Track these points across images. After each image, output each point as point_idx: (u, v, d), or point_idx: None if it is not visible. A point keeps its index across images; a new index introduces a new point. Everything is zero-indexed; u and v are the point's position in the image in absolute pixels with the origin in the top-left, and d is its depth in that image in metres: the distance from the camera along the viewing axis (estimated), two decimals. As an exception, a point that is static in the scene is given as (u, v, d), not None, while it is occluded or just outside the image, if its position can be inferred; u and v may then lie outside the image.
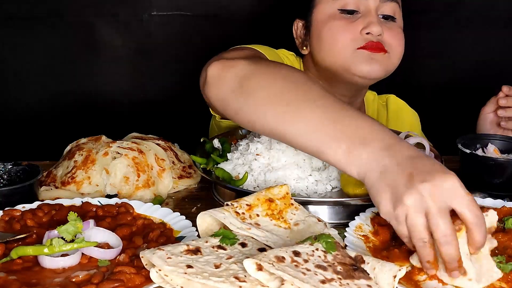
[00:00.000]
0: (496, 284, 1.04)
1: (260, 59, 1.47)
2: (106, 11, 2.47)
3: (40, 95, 2.52)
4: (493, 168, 1.50)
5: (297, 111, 1.21)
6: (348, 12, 1.75)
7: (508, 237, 1.18)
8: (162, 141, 1.68)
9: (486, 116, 1.83)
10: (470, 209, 1.00)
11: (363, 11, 1.74)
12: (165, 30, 2.50)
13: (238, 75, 1.34)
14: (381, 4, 1.75)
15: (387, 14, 1.76)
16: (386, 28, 1.74)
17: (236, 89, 1.33)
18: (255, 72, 1.33)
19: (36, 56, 2.50)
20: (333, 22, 1.75)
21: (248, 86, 1.31)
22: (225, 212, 1.18)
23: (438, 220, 0.99)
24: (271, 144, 1.49)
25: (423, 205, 1.00)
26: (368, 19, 1.71)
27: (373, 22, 1.70)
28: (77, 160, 1.55)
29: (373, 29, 1.69)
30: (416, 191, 1.00)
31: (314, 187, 1.44)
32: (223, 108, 1.39)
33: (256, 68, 1.35)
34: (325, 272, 0.98)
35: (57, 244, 1.10)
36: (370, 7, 1.74)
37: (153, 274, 1.01)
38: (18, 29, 2.46)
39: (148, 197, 1.50)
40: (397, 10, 1.79)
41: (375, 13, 1.73)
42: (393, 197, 1.04)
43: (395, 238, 1.21)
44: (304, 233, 1.17)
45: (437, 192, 1.00)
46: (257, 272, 0.96)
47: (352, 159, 1.12)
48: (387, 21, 1.76)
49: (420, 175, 1.02)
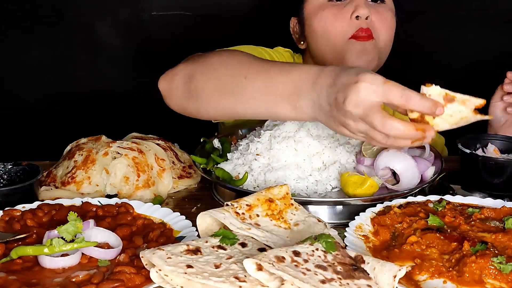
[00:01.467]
0: (496, 284, 1.05)
1: (198, 56, 1.53)
2: (106, 11, 2.47)
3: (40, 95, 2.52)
4: (493, 168, 1.50)
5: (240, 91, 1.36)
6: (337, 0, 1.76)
7: (508, 237, 1.18)
8: (162, 141, 1.68)
9: (495, 104, 1.80)
10: (391, 96, 1.11)
11: None
12: (165, 30, 2.50)
13: (181, 81, 1.48)
14: None
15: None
16: (374, 11, 1.75)
17: (186, 95, 1.47)
18: (194, 73, 1.46)
19: (36, 56, 2.51)
20: (323, 12, 1.77)
21: (195, 88, 1.44)
22: (225, 212, 1.18)
23: (372, 120, 1.12)
24: (271, 144, 1.49)
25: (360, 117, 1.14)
26: (355, 2, 1.73)
27: (360, 5, 1.71)
28: (77, 160, 1.55)
29: (361, 12, 1.70)
30: (347, 113, 1.14)
31: (314, 187, 1.44)
32: (186, 113, 1.52)
33: (194, 68, 1.47)
34: (325, 272, 0.98)
35: (57, 244, 1.10)
36: None
37: (153, 274, 1.01)
38: (18, 29, 2.46)
39: (148, 197, 1.50)
40: None
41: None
42: (342, 124, 1.19)
43: (395, 238, 1.21)
44: (304, 233, 1.17)
45: (359, 101, 1.12)
46: (257, 272, 0.96)
47: (299, 112, 1.27)
48: (376, 3, 1.78)
49: (341, 94, 1.14)
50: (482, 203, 1.36)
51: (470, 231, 1.22)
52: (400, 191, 1.39)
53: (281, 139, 1.48)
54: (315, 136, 1.49)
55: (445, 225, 1.24)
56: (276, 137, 1.49)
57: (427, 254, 1.14)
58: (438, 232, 1.18)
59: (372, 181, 1.38)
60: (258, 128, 1.64)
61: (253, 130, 1.68)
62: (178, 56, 2.60)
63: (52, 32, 2.47)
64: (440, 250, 1.15)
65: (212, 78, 1.43)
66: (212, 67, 1.45)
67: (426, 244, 1.16)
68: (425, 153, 1.53)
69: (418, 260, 1.12)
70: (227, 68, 1.42)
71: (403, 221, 1.25)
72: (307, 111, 1.25)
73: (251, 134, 1.64)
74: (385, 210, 1.31)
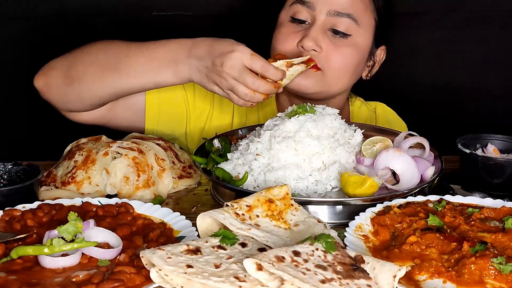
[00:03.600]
0: (496, 285, 1.05)
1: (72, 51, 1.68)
2: (106, 11, 2.47)
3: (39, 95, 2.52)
4: (493, 168, 1.50)
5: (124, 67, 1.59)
6: (298, 21, 1.75)
7: (508, 237, 1.18)
8: (162, 141, 1.68)
9: None
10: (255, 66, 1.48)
11: (311, 22, 1.72)
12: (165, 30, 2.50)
13: (60, 72, 1.64)
14: (332, 18, 1.71)
15: (337, 30, 1.71)
16: (330, 44, 1.70)
17: (67, 82, 1.62)
18: (73, 61, 1.64)
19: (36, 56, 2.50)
20: (280, 29, 1.78)
21: (76, 73, 1.62)
22: (225, 213, 1.18)
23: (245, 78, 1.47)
24: (271, 144, 1.49)
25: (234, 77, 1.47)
26: (309, 31, 1.70)
27: (307, 36, 1.68)
28: (77, 160, 1.55)
29: (305, 43, 1.68)
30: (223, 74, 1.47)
31: (314, 187, 1.44)
32: (68, 101, 1.66)
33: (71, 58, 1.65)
34: (325, 272, 0.98)
35: (57, 244, 1.10)
36: (317, 20, 1.71)
37: (153, 274, 1.01)
38: (18, 29, 2.46)
39: (148, 197, 1.50)
40: (353, 26, 1.72)
41: (319, 27, 1.70)
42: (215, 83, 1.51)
43: (395, 238, 1.22)
44: (304, 234, 1.17)
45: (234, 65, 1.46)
46: (257, 272, 0.96)
47: (178, 76, 1.57)
48: (336, 36, 1.72)
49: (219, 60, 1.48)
50: (482, 203, 1.36)
51: (470, 231, 1.23)
52: (400, 191, 1.39)
53: (281, 139, 1.48)
54: (315, 136, 1.49)
55: (445, 225, 1.24)
56: (276, 137, 1.49)
57: (427, 254, 1.14)
58: (438, 232, 1.18)
59: (372, 181, 1.38)
60: (258, 128, 1.64)
61: (253, 130, 1.68)
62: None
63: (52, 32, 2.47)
64: (439, 250, 1.15)
65: (93, 62, 1.62)
66: (92, 53, 1.64)
67: (426, 244, 1.16)
68: (425, 153, 1.53)
69: (418, 260, 1.12)
70: (107, 51, 1.64)
71: (403, 221, 1.25)
72: (185, 75, 1.55)
73: (251, 134, 1.64)
74: (385, 210, 1.31)
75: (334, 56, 1.71)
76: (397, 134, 1.63)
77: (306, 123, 1.50)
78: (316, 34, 1.69)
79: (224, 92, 1.52)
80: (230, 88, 1.49)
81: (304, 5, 1.73)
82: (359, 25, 1.73)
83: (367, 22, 1.76)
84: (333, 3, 1.70)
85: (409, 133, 1.60)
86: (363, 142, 1.57)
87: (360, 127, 1.64)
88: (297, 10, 1.74)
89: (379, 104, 2.12)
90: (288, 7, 1.78)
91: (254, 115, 1.97)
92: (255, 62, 1.47)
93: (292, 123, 1.51)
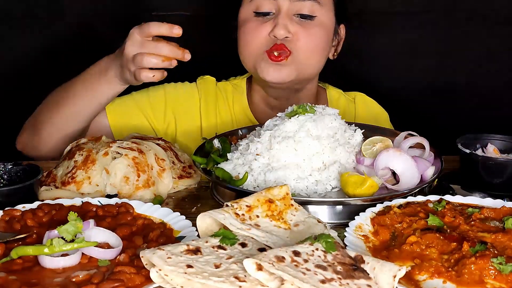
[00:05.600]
0: (496, 285, 1.05)
1: None
2: (106, 11, 2.47)
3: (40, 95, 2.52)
4: (493, 168, 1.50)
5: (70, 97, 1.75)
6: (263, 14, 1.80)
7: (507, 237, 1.18)
8: (162, 141, 1.68)
9: None
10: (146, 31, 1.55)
11: (276, 12, 1.78)
12: (165, 30, 2.50)
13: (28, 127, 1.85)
14: (295, 3, 1.77)
15: (303, 13, 1.79)
16: (300, 28, 1.77)
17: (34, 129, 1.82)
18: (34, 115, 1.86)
19: (36, 56, 2.50)
20: (246, 25, 1.82)
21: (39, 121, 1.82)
22: (225, 213, 1.18)
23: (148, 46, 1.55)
24: (271, 144, 1.49)
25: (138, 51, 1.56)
26: (276, 21, 1.76)
27: (278, 25, 1.75)
28: (77, 160, 1.55)
29: (277, 33, 1.74)
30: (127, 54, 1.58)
31: (314, 187, 1.44)
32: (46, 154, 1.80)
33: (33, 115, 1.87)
34: (325, 272, 0.98)
35: (57, 244, 1.10)
36: (281, 8, 1.77)
37: (153, 274, 1.01)
38: (18, 29, 2.46)
39: (148, 197, 1.50)
40: (317, 8, 1.80)
41: (286, 14, 1.77)
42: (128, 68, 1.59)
43: (395, 238, 1.22)
44: (304, 234, 1.17)
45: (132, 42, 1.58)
46: (257, 272, 0.96)
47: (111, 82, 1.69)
48: (304, 20, 1.79)
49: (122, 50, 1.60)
50: (482, 203, 1.36)
51: (470, 231, 1.23)
52: (400, 191, 1.39)
53: (281, 139, 1.48)
54: (315, 136, 1.49)
55: (444, 225, 1.24)
56: (276, 137, 1.49)
57: (427, 254, 1.14)
58: (438, 232, 1.18)
59: (372, 181, 1.38)
60: (258, 128, 1.64)
61: (253, 130, 1.68)
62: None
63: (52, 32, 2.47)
64: (439, 250, 1.15)
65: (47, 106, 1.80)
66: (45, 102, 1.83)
67: (426, 244, 1.16)
68: (425, 153, 1.53)
69: (418, 260, 1.12)
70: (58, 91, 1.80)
71: (403, 221, 1.25)
72: (116, 79, 1.66)
73: (251, 134, 1.64)
74: (385, 210, 1.31)
75: (304, 38, 1.78)
76: (397, 134, 1.63)
77: (306, 123, 1.50)
78: (285, 21, 1.76)
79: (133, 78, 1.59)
80: (138, 65, 1.54)
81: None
82: (321, 5, 1.81)
83: (327, 1, 1.84)
84: None
85: (409, 133, 1.60)
86: (363, 142, 1.57)
87: (360, 127, 1.64)
88: (260, 3, 1.79)
89: (359, 94, 2.15)
90: (248, 3, 1.83)
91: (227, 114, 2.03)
92: (147, 26, 1.54)
93: (292, 123, 1.51)
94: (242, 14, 1.85)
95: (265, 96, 1.96)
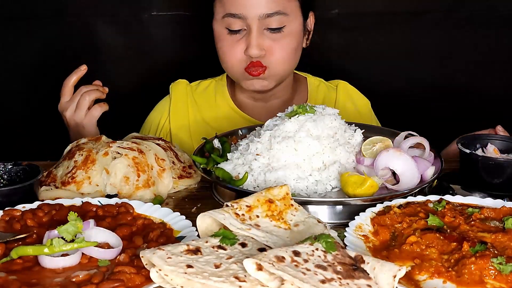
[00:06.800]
0: (496, 285, 1.05)
1: None
2: (106, 11, 2.47)
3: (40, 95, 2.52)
4: (493, 168, 1.50)
5: None
6: (235, 32, 1.85)
7: (507, 237, 1.18)
8: (162, 141, 1.68)
9: None
10: None
11: (248, 28, 1.84)
12: (165, 30, 2.50)
13: None
14: (264, 20, 1.82)
15: (273, 27, 1.84)
16: (271, 42, 1.85)
17: None
18: None
19: (36, 56, 2.50)
20: (222, 42, 1.90)
21: None
22: (225, 213, 1.18)
23: None
24: (271, 144, 1.49)
25: None
26: (248, 40, 1.83)
27: (250, 45, 1.82)
28: (77, 160, 1.55)
29: (251, 52, 1.82)
30: None
31: (314, 187, 1.44)
32: None
33: None
34: (325, 272, 0.98)
35: (57, 244, 1.10)
36: (252, 26, 1.82)
37: (153, 274, 1.01)
38: (19, 29, 2.46)
39: (148, 197, 1.50)
40: (284, 19, 1.84)
41: (257, 31, 1.82)
42: None
43: (395, 238, 1.22)
44: (304, 234, 1.17)
45: None
46: (257, 272, 0.96)
47: None
48: (274, 32, 1.85)
49: None
50: (482, 203, 1.36)
51: (470, 231, 1.23)
52: (400, 191, 1.39)
53: (281, 139, 1.48)
54: (315, 136, 1.49)
55: (444, 225, 1.24)
56: (276, 137, 1.49)
57: (427, 254, 1.14)
58: (438, 232, 1.18)
59: (372, 181, 1.38)
60: (258, 128, 1.64)
61: (253, 130, 1.68)
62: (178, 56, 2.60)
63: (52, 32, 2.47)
64: (439, 250, 1.15)
65: None
66: None
67: (426, 244, 1.16)
68: (425, 153, 1.53)
69: (418, 260, 1.12)
70: None
71: (403, 221, 1.25)
72: None
73: (251, 134, 1.64)
74: (385, 210, 1.31)
75: (277, 50, 1.86)
76: (397, 134, 1.63)
77: (306, 123, 1.50)
78: (257, 41, 1.83)
79: None
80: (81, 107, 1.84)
81: (235, 17, 1.83)
82: (288, 14, 1.86)
83: (293, 7, 1.88)
84: (260, 8, 1.82)
85: (409, 133, 1.60)
86: (363, 142, 1.57)
87: (360, 127, 1.64)
88: (230, 22, 1.85)
89: (342, 82, 2.20)
90: (220, 20, 1.88)
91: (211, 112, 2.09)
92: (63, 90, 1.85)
93: (292, 123, 1.51)
94: (216, 28, 1.91)
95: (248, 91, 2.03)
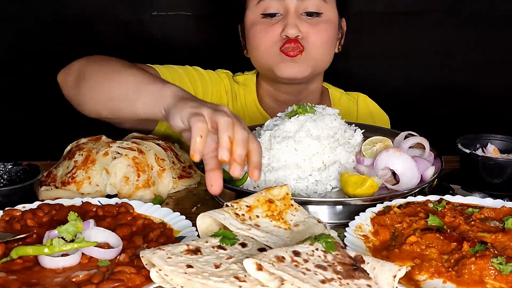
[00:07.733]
0: (496, 285, 1.05)
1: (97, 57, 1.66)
2: (106, 11, 2.47)
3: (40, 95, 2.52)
4: (493, 168, 1.50)
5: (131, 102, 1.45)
6: (270, 16, 1.84)
7: (507, 237, 1.18)
8: (162, 141, 1.68)
9: None
10: None
11: (284, 12, 1.82)
12: (165, 30, 2.50)
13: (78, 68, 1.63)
14: (302, 2, 1.82)
15: (310, 11, 1.83)
16: (308, 25, 1.83)
17: (81, 77, 1.59)
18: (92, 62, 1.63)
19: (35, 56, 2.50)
20: (255, 27, 1.86)
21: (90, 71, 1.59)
22: (225, 213, 1.18)
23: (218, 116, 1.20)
24: (271, 144, 1.49)
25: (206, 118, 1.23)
26: (285, 21, 1.81)
27: (289, 24, 1.80)
28: (77, 160, 1.55)
29: (289, 32, 1.79)
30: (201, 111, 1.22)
31: (314, 187, 1.44)
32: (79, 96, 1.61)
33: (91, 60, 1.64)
34: (325, 272, 0.98)
35: (57, 244, 1.10)
36: (289, 8, 1.82)
37: (153, 274, 1.01)
38: (18, 29, 2.46)
39: (148, 197, 1.50)
40: (322, 4, 1.85)
41: (294, 14, 1.81)
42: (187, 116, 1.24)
43: (395, 238, 1.22)
44: (304, 234, 1.17)
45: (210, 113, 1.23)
46: (257, 272, 0.96)
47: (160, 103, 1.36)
48: (311, 17, 1.84)
49: None
50: (482, 203, 1.36)
51: (470, 231, 1.22)
52: (400, 191, 1.39)
53: (281, 139, 1.48)
54: (315, 136, 1.49)
55: (444, 225, 1.24)
56: (276, 137, 1.49)
57: (427, 254, 1.14)
58: (438, 232, 1.18)
59: (372, 181, 1.38)
60: (258, 128, 1.64)
61: (253, 130, 1.68)
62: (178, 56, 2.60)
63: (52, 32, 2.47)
64: (439, 250, 1.15)
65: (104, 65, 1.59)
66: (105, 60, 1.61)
67: (426, 244, 1.16)
68: (425, 153, 1.53)
69: (418, 260, 1.12)
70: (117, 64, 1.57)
71: (403, 221, 1.25)
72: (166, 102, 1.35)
73: (251, 134, 1.64)
74: (385, 210, 1.31)
75: (314, 34, 1.84)
76: (397, 134, 1.63)
77: (306, 123, 1.50)
78: (295, 21, 1.81)
79: None
80: None
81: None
82: (326, 2, 1.86)
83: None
84: None
85: (409, 133, 1.60)
86: (363, 142, 1.57)
87: (360, 127, 1.64)
88: (267, 5, 1.83)
89: (361, 95, 2.20)
90: (254, 6, 1.86)
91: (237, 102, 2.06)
92: None
93: (292, 123, 1.51)
94: (249, 17, 1.88)
95: (272, 91, 2.00)
